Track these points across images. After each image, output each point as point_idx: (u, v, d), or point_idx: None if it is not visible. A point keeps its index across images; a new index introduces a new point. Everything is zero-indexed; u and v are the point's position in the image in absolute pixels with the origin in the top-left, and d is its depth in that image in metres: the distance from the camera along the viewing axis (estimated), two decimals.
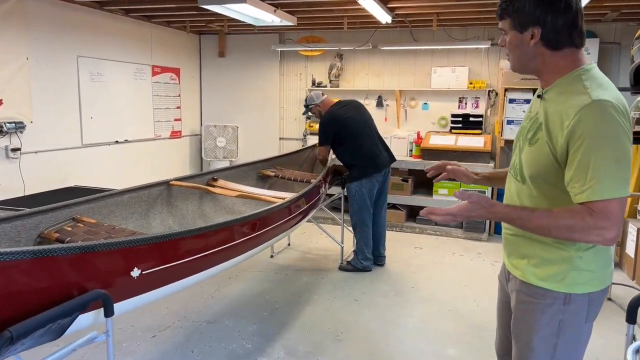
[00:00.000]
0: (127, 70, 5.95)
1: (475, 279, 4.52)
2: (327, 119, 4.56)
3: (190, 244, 2.35)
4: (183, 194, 3.65)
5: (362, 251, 4.60)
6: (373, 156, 4.52)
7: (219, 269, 2.68)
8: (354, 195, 4.52)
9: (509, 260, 1.74)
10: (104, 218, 2.90)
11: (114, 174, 5.81)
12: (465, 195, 1.51)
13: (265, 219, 3.05)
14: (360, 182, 4.47)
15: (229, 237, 2.73)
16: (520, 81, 5.68)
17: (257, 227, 2.95)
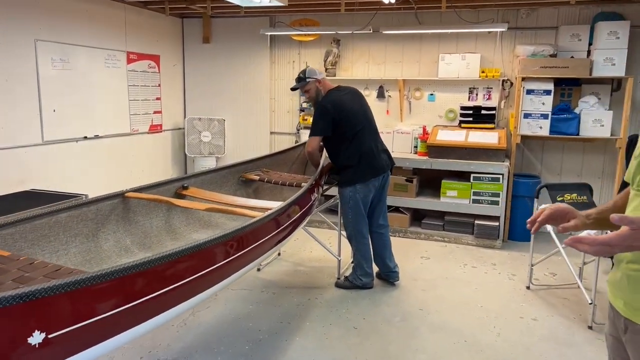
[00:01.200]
0: (97, 56, 5.28)
1: (492, 299, 3.91)
2: (329, 103, 3.75)
3: (126, 287, 1.71)
4: (145, 207, 3.01)
5: (361, 266, 3.98)
6: (372, 158, 3.86)
7: (178, 309, 2.05)
8: (347, 202, 3.87)
9: (634, 304, 1.32)
10: (30, 246, 2.26)
11: (82, 175, 5.16)
12: (626, 221, 1.11)
13: (244, 237, 2.42)
14: (355, 188, 3.82)
15: (194, 266, 2.11)
16: (539, 69, 5.03)
17: (233, 248, 2.32)
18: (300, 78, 3.90)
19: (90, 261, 2.55)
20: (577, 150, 5.53)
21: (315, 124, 3.79)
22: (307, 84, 3.85)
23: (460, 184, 5.22)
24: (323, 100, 3.81)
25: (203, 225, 3.37)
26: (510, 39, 5.56)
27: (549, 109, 5.08)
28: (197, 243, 2.03)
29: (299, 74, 3.92)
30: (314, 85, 3.86)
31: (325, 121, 3.74)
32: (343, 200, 3.91)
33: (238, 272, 2.41)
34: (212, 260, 2.18)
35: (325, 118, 3.74)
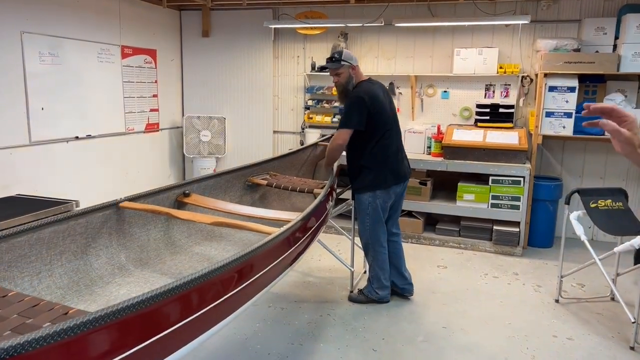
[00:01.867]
0: (89, 50, 4.92)
1: (520, 314, 3.59)
2: (365, 94, 3.35)
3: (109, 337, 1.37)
4: (141, 217, 2.68)
5: (378, 278, 3.65)
6: (396, 162, 3.54)
7: (183, 351, 1.71)
8: (365, 209, 3.53)
9: None
10: (6, 269, 1.92)
11: (73, 178, 4.81)
12: None
13: (261, 257, 2.09)
14: (375, 194, 3.48)
15: (205, 297, 1.77)
16: (563, 65, 4.71)
17: (242, 277, 1.98)
18: (334, 58, 3.44)
19: (78, 283, 2.21)
20: (600, 150, 5.22)
21: (349, 116, 3.36)
22: (341, 66, 3.42)
23: (478, 187, 4.89)
24: (358, 91, 3.40)
25: (206, 237, 3.04)
26: (529, 32, 5.24)
27: (573, 107, 4.76)
28: (207, 270, 1.70)
29: (333, 54, 3.47)
30: (347, 70, 3.44)
31: (360, 113, 3.33)
32: (361, 206, 3.55)
33: (253, 298, 2.08)
34: (225, 288, 1.84)
35: (361, 110, 3.33)
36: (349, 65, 3.44)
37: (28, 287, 2.00)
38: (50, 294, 2.07)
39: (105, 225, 2.45)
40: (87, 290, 2.20)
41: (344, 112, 3.42)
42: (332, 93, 5.78)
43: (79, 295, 2.15)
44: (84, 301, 2.12)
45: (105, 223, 2.45)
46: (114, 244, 2.49)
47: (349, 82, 3.47)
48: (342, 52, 3.45)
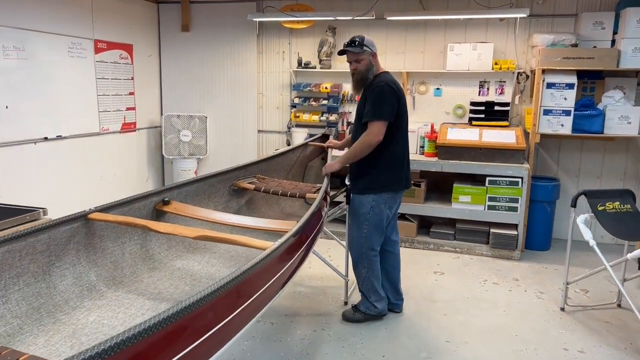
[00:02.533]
0: (59, 44, 4.55)
1: (526, 325, 3.37)
2: (393, 84, 3.09)
3: None
4: (115, 229, 2.37)
5: (375, 290, 3.33)
6: (406, 166, 3.31)
7: None
8: (365, 213, 3.19)
9: None
10: None
11: (42, 182, 4.45)
12: None
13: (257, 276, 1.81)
14: (381, 196, 3.18)
15: (195, 328, 1.48)
16: (561, 61, 4.52)
17: (235, 302, 1.70)
18: (356, 42, 3.11)
19: (39, 309, 1.91)
20: (596, 149, 5.06)
21: (380, 106, 3.01)
22: (363, 52, 3.10)
23: (474, 189, 4.68)
24: (386, 80, 3.10)
25: (188, 249, 2.74)
26: (524, 27, 5.04)
27: (572, 105, 4.57)
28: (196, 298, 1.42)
29: (355, 38, 3.14)
30: (369, 57, 3.13)
31: (392, 105, 3.04)
32: (361, 209, 3.21)
33: (249, 324, 1.80)
34: (217, 316, 1.56)
35: (392, 101, 3.04)
36: (371, 52, 3.13)
37: None
38: (5, 324, 1.76)
39: (72, 241, 2.14)
40: (50, 318, 1.90)
41: (372, 102, 3.03)
42: (320, 90, 5.52)
43: (39, 325, 1.84)
44: (46, 332, 1.81)
45: (71, 238, 2.14)
46: (83, 261, 2.18)
47: (369, 70, 3.14)
48: (363, 37, 3.15)
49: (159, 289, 2.27)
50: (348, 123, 5.56)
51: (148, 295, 2.19)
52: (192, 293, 2.23)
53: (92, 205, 2.31)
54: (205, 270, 2.53)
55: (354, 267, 3.36)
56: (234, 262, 2.68)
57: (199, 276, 2.45)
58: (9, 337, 1.71)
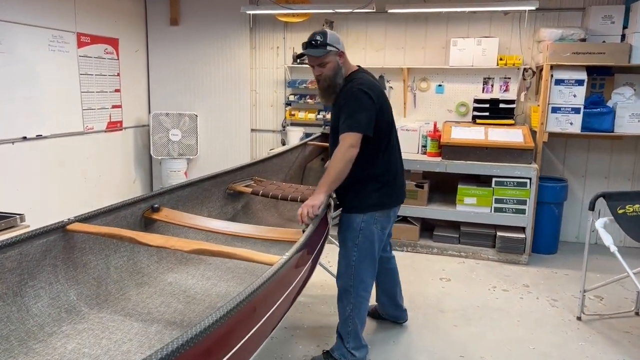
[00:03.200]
0: (39, 37, 4.25)
1: (543, 335, 3.16)
2: (368, 88, 2.50)
3: None
4: (98, 241, 2.10)
5: (356, 335, 2.68)
6: (399, 175, 2.76)
7: None
8: (354, 237, 2.60)
9: None
10: None
11: (20, 185, 4.14)
12: None
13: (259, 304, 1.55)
14: (372, 216, 2.60)
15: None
16: (571, 56, 4.32)
17: (243, 326, 1.45)
18: (317, 43, 2.48)
19: (8, 338, 1.64)
20: (604, 148, 4.87)
21: (357, 115, 2.44)
22: (327, 53, 2.49)
23: (480, 190, 4.46)
24: (360, 83, 2.52)
25: (181, 261, 2.48)
26: (530, 22, 4.84)
27: (581, 102, 4.38)
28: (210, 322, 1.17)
29: (315, 36, 2.51)
30: (334, 59, 2.52)
31: (369, 114, 2.46)
32: (349, 232, 2.62)
33: (259, 349, 1.55)
34: (233, 340, 1.31)
35: (369, 109, 2.47)
36: (337, 52, 2.53)
37: None
38: None
39: (48, 256, 1.87)
40: (22, 347, 1.63)
41: (345, 113, 2.48)
42: (317, 87, 5.25)
43: (9, 357, 1.57)
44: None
45: (47, 253, 1.87)
46: (61, 279, 1.92)
47: (337, 74, 2.55)
48: (325, 33, 2.52)
49: (148, 307, 2.01)
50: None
51: (136, 316, 1.93)
52: (186, 312, 1.97)
53: (74, 211, 2.05)
54: (200, 285, 2.27)
55: (338, 299, 2.72)
56: (231, 274, 2.42)
57: (194, 292, 2.19)
58: None
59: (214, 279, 2.35)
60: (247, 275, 2.43)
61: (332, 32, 2.57)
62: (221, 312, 1.28)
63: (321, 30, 2.56)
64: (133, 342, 1.75)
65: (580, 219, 5.02)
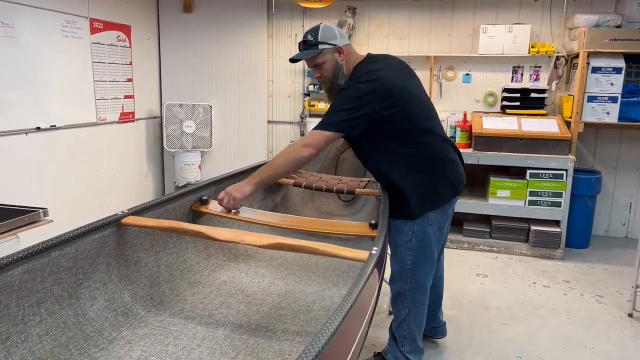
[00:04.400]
0: (51, 22, 4.01)
1: (597, 334, 3.01)
2: (367, 76, 2.16)
3: None
4: (148, 236, 1.91)
5: (413, 339, 2.46)
6: (450, 165, 2.36)
7: None
8: (407, 241, 2.30)
9: None
10: None
11: (33, 178, 3.91)
12: None
13: (363, 303, 1.35)
14: (425, 219, 2.29)
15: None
16: (608, 43, 4.16)
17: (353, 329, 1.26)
18: (308, 43, 2.26)
19: (67, 346, 1.44)
20: (636, 139, 4.73)
21: (334, 112, 2.13)
22: (319, 53, 2.24)
23: (514, 182, 4.30)
24: (357, 77, 2.20)
25: (229, 257, 2.29)
26: (560, 8, 4.67)
27: (619, 91, 4.23)
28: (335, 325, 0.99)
29: (307, 35, 2.28)
30: (331, 57, 2.24)
31: (356, 109, 2.09)
32: (399, 237, 2.32)
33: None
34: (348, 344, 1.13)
35: (359, 104, 2.09)
36: (334, 48, 2.24)
37: None
38: None
39: (102, 253, 1.67)
40: (83, 356, 1.43)
41: (329, 108, 2.20)
42: None
43: None
44: None
45: (101, 250, 1.67)
46: (114, 278, 1.72)
47: (336, 73, 2.26)
48: (317, 30, 2.27)
49: (208, 309, 1.82)
50: None
51: (198, 319, 1.74)
52: (250, 313, 1.79)
53: (89, 206, 1.84)
54: (256, 284, 2.08)
55: (393, 302, 2.51)
56: (286, 272, 2.24)
57: (252, 292, 2.00)
58: None
59: (269, 277, 2.16)
60: (302, 271, 2.25)
61: (327, 25, 2.31)
62: (342, 314, 1.09)
63: (314, 27, 2.30)
64: (202, 349, 1.56)
65: (611, 213, 4.88)
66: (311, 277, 2.18)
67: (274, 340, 1.63)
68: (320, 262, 2.35)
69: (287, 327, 1.73)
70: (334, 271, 2.26)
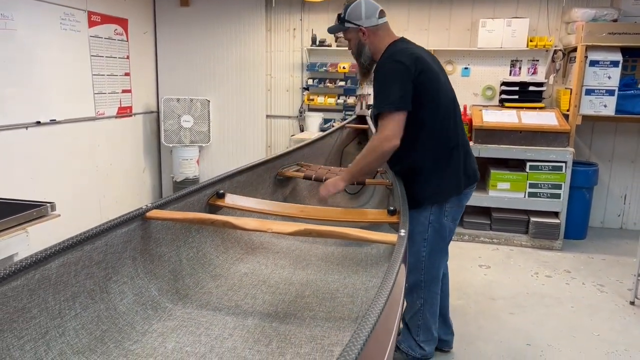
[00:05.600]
0: (50, 14, 3.95)
1: (601, 321, 3.07)
2: (404, 57, 2.15)
3: None
4: (169, 230, 1.90)
5: (428, 328, 2.47)
6: (467, 155, 2.38)
7: None
8: (423, 231, 2.31)
9: None
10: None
11: (33, 173, 3.86)
12: None
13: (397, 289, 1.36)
14: (442, 208, 2.30)
15: None
16: (606, 36, 4.22)
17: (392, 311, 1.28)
18: (339, 18, 2.34)
19: (103, 340, 1.43)
20: (631, 132, 4.81)
21: (386, 89, 2.12)
22: (347, 31, 2.32)
23: (514, 175, 4.35)
24: (390, 55, 2.20)
25: (246, 250, 2.29)
26: (558, 2, 4.73)
27: (616, 84, 4.30)
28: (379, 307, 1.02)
29: (341, 12, 2.34)
30: (355, 34, 2.29)
31: (403, 83, 2.09)
32: (417, 226, 2.30)
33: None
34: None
35: (403, 77, 2.10)
36: (358, 29, 2.26)
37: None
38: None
39: (128, 247, 1.67)
40: (119, 349, 1.43)
41: (375, 88, 2.20)
42: (338, 70, 5.07)
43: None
44: None
45: (127, 244, 1.66)
46: (140, 272, 1.71)
47: (360, 51, 2.33)
48: (347, 7, 2.30)
49: (234, 300, 1.82)
50: (367, 106, 5.14)
51: (225, 310, 1.74)
52: (276, 302, 1.80)
53: (89, 201, 1.83)
54: (277, 275, 2.09)
55: (407, 293, 2.44)
56: (304, 262, 2.25)
57: (274, 282, 2.01)
58: None
59: (288, 268, 2.17)
60: (320, 262, 2.26)
61: (358, 4, 2.27)
62: (385, 294, 1.11)
63: (349, 3, 2.31)
64: (235, 338, 1.56)
65: (606, 204, 4.97)
66: (330, 266, 2.19)
67: (304, 326, 1.64)
68: (336, 252, 2.37)
69: (315, 314, 1.74)
70: (351, 260, 2.28)
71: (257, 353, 1.49)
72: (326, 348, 1.55)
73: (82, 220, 4.40)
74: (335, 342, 1.59)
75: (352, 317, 1.78)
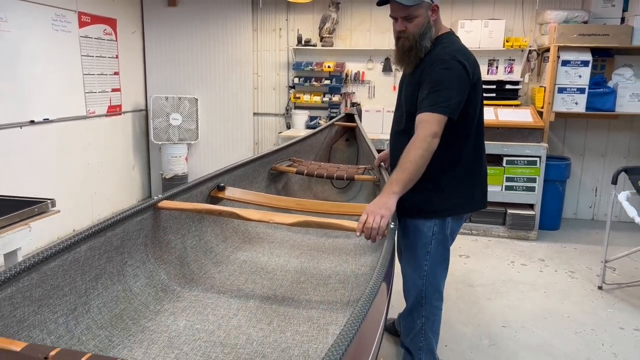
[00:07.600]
0: (42, 15, 4.04)
1: (572, 305, 3.31)
2: (466, 56, 2.01)
3: None
4: (175, 220, 2.05)
5: (431, 350, 2.32)
6: (485, 174, 2.29)
7: None
8: (427, 243, 2.15)
9: None
10: (36, 311, 1.29)
11: (28, 170, 3.95)
12: None
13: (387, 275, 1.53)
14: (445, 221, 2.15)
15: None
16: (577, 37, 4.47)
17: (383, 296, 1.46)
18: None
19: (122, 317, 1.59)
20: (601, 127, 5.09)
21: (446, 91, 1.91)
22: (420, 5, 1.94)
23: (491, 169, 4.58)
24: (455, 51, 1.99)
25: (244, 240, 2.45)
26: (532, 4, 4.97)
27: (586, 83, 4.55)
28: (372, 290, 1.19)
29: None
30: (425, 14, 1.97)
31: (462, 91, 1.94)
32: (419, 239, 2.16)
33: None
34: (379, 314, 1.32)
35: (464, 85, 1.95)
36: (431, 5, 1.98)
37: (64, 332, 1.37)
38: (94, 338, 1.44)
39: (141, 234, 1.82)
40: (136, 326, 1.58)
41: (432, 84, 1.93)
42: (323, 69, 5.24)
43: (128, 335, 1.53)
44: (139, 343, 1.51)
45: (141, 231, 1.81)
46: (151, 257, 1.86)
47: (425, 33, 1.99)
48: None
49: (236, 285, 1.99)
50: (352, 104, 5.33)
51: (229, 293, 1.90)
52: (275, 287, 1.97)
53: (82, 198, 1.97)
54: (274, 262, 2.25)
55: (407, 314, 2.35)
56: (298, 251, 2.42)
57: (272, 269, 2.18)
58: (102, 353, 1.39)
59: (284, 256, 2.33)
60: (313, 251, 2.44)
61: None
62: (379, 277, 1.29)
63: None
64: (239, 317, 1.73)
65: (579, 196, 5.24)
66: (322, 255, 2.36)
67: (301, 308, 1.82)
68: (327, 243, 2.55)
69: (310, 298, 1.91)
70: (341, 250, 2.46)
71: (260, 330, 1.66)
72: (322, 327, 1.72)
73: (76, 217, 4.50)
74: (330, 322, 1.77)
75: (344, 301, 1.96)
